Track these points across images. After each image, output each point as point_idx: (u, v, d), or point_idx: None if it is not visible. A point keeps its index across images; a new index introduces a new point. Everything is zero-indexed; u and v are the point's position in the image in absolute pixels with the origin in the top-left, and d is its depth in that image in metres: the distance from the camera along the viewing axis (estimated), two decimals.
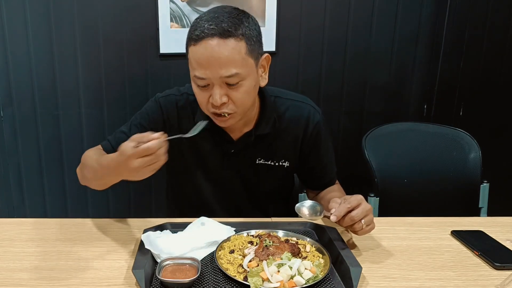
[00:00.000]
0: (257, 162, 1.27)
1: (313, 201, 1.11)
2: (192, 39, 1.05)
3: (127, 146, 0.92)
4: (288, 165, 1.29)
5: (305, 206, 1.10)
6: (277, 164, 1.28)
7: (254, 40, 1.07)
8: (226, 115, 1.11)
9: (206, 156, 1.27)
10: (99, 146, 1.27)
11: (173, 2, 2.06)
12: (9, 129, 2.22)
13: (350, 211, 1.02)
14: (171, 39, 2.10)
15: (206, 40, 1.02)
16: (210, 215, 1.27)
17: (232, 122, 1.14)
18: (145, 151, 0.90)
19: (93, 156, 1.18)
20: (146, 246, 0.97)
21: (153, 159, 0.91)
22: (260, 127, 1.22)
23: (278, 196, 1.39)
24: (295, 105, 1.26)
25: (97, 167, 1.10)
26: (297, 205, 1.10)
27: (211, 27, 1.02)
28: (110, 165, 1.02)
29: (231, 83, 1.06)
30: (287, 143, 1.26)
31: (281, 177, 1.32)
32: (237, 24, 1.04)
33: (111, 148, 1.22)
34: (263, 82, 1.15)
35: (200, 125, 1.06)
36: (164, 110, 1.25)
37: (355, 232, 1.06)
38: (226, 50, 1.02)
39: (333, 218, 1.01)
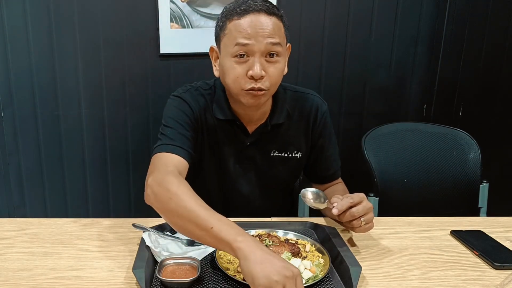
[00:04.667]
0: (271, 154, 1.30)
1: (318, 189, 1.13)
2: (237, 13, 1.10)
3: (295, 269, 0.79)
4: (300, 156, 1.32)
5: (310, 192, 1.12)
6: (290, 155, 1.31)
7: (287, 27, 1.16)
8: (260, 91, 1.12)
9: (223, 149, 1.29)
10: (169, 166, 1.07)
11: (173, 2, 2.06)
12: (9, 129, 2.22)
13: (351, 207, 1.03)
14: (171, 39, 2.10)
15: (253, 14, 1.09)
16: (226, 206, 1.31)
17: (263, 101, 1.16)
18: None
19: (196, 200, 0.92)
20: (147, 243, 0.98)
21: None
22: (274, 117, 1.25)
23: (285, 189, 1.42)
24: (304, 97, 1.31)
25: (201, 226, 0.88)
26: (302, 190, 1.12)
27: (257, 3, 1.10)
28: (234, 243, 0.83)
29: (272, 53, 1.10)
30: (299, 134, 1.30)
31: (294, 169, 1.35)
32: (276, 7, 1.13)
33: (183, 153, 1.12)
34: (285, 70, 1.20)
35: None
36: (191, 105, 1.23)
37: (353, 229, 1.07)
38: (271, 23, 1.10)
39: (334, 211, 1.04)
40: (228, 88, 1.17)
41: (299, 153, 1.31)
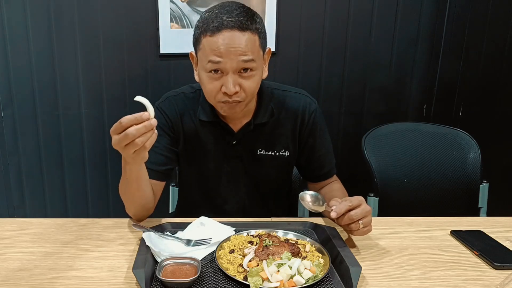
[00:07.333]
0: (258, 153, 1.30)
1: (317, 192, 1.14)
2: (209, 30, 1.09)
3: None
4: (288, 154, 1.32)
5: (308, 195, 1.13)
6: (277, 154, 1.31)
7: (263, 35, 1.15)
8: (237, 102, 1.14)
9: (209, 149, 1.29)
10: None
11: (173, 2, 2.06)
12: (9, 129, 2.23)
13: (349, 210, 1.03)
14: (171, 39, 2.10)
15: (225, 31, 1.08)
16: (215, 207, 1.31)
17: (238, 110, 1.17)
18: (117, 128, 0.98)
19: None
20: (147, 243, 0.98)
21: (124, 139, 0.96)
22: (258, 116, 1.26)
23: (278, 191, 1.41)
24: (292, 96, 1.31)
25: (123, 177, 1.13)
26: (301, 193, 1.13)
27: (230, 19, 1.08)
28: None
29: (245, 70, 1.11)
30: (286, 132, 1.30)
31: (282, 167, 1.35)
32: (251, 19, 1.10)
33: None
34: (264, 74, 1.21)
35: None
36: (167, 114, 1.28)
37: (351, 232, 1.07)
38: (244, 40, 1.08)
39: (333, 214, 1.04)
40: (205, 96, 1.20)
41: (286, 151, 1.31)
